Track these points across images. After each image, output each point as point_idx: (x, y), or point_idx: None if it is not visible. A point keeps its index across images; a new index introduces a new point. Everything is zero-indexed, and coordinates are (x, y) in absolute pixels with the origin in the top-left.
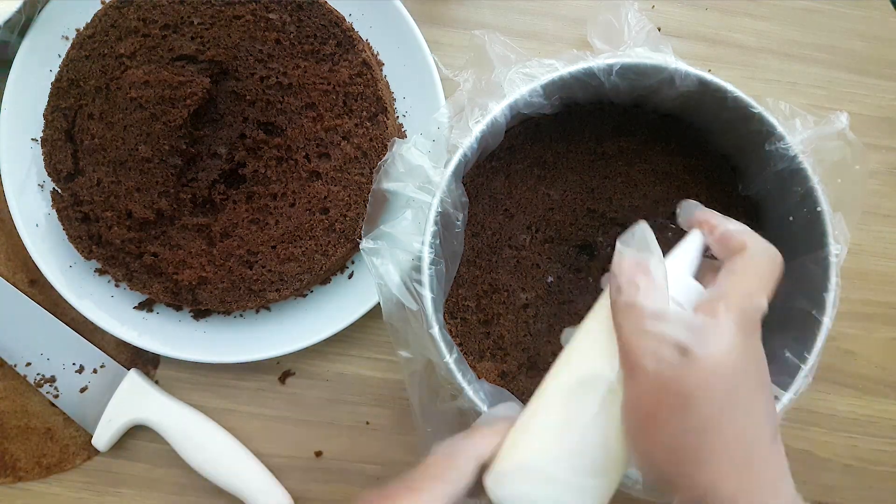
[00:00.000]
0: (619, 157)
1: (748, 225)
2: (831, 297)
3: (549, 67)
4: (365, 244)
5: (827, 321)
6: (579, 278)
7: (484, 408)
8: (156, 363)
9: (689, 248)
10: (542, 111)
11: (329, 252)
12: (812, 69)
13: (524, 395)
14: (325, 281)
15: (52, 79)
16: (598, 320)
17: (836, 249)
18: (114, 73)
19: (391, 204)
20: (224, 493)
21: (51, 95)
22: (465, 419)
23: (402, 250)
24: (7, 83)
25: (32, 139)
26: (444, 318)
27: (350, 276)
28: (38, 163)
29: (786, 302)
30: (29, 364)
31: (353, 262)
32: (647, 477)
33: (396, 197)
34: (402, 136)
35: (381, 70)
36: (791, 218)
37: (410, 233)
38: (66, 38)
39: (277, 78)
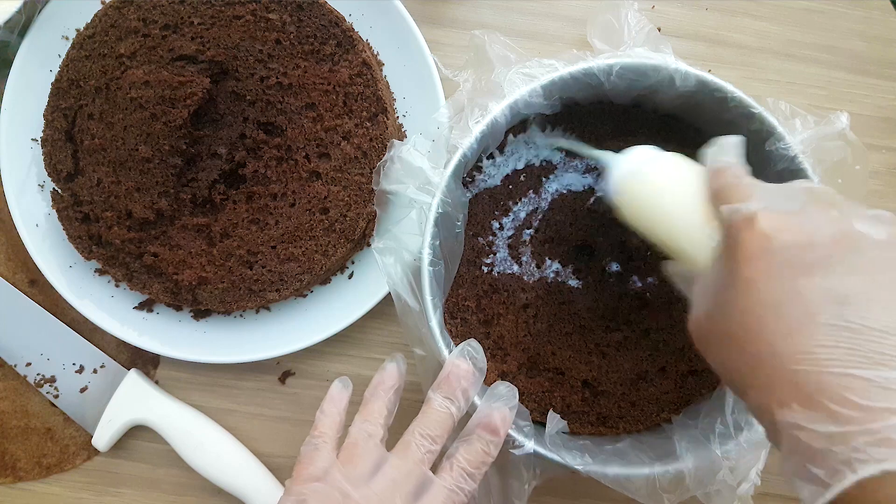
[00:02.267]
0: None
1: None
2: None
3: (549, 67)
4: (376, 244)
5: None
6: (579, 278)
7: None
8: (156, 363)
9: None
10: (542, 111)
11: (329, 252)
12: (812, 69)
13: (524, 395)
14: (325, 281)
15: (52, 79)
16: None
17: None
18: (114, 73)
19: (395, 203)
20: (224, 493)
21: (51, 95)
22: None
23: (406, 250)
24: (7, 83)
25: (32, 139)
26: (444, 319)
27: (350, 276)
28: (38, 163)
29: None
30: (29, 364)
31: (353, 262)
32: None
33: (399, 196)
34: (402, 136)
35: (381, 70)
36: None
37: (414, 233)
38: (66, 38)
39: (277, 78)
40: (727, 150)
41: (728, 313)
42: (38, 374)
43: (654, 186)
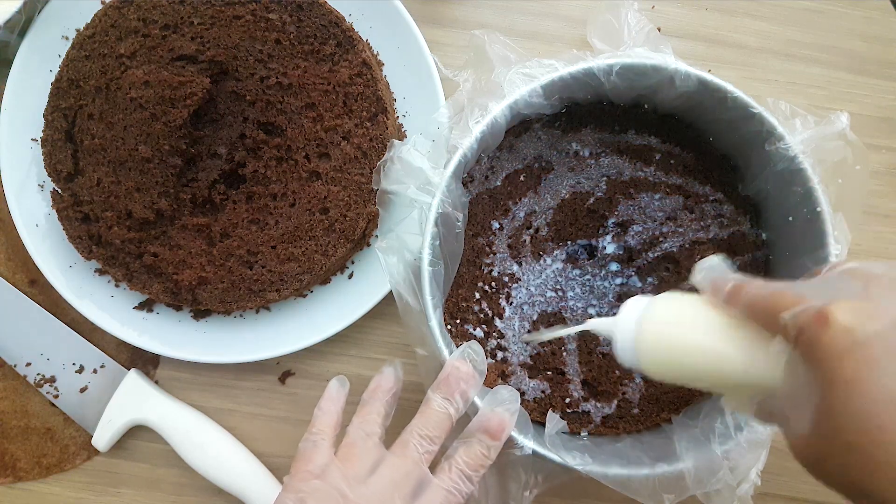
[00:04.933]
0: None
1: (750, 225)
2: None
3: (549, 67)
4: (379, 243)
5: None
6: (579, 278)
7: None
8: (156, 363)
9: None
10: (542, 111)
11: (329, 252)
12: (812, 69)
13: (524, 396)
14: (325, 281)
15: (52, 79)
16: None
17: (836, 249)
18: (114, 73)
19: (397, 203)
20: (224, 493)
21: (51, 95)
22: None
23: (407, 250)
24: (7, 83)
25: (32, 139)
26: (444, 319)
27: (350, 276)
28: (38, 163)
29: None
30: (29, 364)
31: (353, 262)
32: None
33: (400, 196)
34: (402, 136)
35: (381, 70)
36: (791, 218)
37: (415, 232)
38: (66, 38)
39: (277, 78)
40: (717, 268)
41: (840, 423)
42: (38, 374)
43: (673, 332)
